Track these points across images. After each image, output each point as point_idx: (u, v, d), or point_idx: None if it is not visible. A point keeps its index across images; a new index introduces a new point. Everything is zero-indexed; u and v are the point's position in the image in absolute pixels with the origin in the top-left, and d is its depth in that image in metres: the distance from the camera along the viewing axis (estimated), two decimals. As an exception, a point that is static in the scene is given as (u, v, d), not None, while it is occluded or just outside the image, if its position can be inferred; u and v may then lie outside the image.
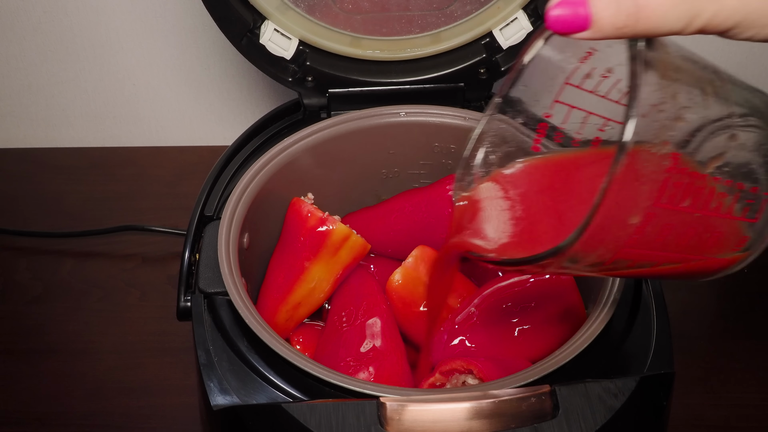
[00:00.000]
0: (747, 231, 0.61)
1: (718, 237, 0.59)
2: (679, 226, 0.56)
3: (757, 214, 0.59)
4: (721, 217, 0.58)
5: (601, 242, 0.54)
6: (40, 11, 1.19)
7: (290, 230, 0.88)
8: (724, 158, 0.57)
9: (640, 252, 0.56)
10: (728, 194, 0.57)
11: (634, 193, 0.53)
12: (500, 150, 0.71)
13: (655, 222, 0.54)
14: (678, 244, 0.57)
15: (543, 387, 0.68)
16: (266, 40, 0.95)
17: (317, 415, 0.66)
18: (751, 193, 0.58)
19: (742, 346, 1.04)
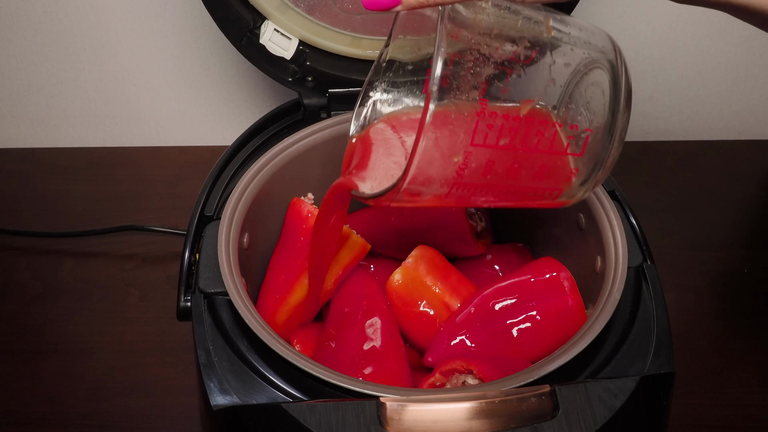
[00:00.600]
0: (575, 164, 0.68)
1: (546, 169, 0.67)
2: (503, 161, 0.65)
3: (581, 149, 0.67)
4: (543, 153, 0.66)
5: (431, 179, 0.65)
6: (41, 11, 1.19)
7: (290, 230, 0.88)
8: (537, 100, 0.66)
9: (474, 184, 0.66)
10: (546, 133, 0.66)
11: (450, 137, 0.63)
12: (392, 95, 0.81)
13: (476, 159, 0.65)
14: (509, 176, 0.66)
15: (543, 387, 0.68)
16: (266, 40, 0.95)
17: (317, 415, 0.66)
18: (570, 130, 0.67)
19: (741, 346, 1.04)
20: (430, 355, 0.84)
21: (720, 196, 1.24)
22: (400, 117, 0.80)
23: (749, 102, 1.31)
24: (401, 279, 0.87)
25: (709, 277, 1.12)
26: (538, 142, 0.66)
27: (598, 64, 0.67)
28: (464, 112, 0.63)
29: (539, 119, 0.66)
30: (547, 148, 0.66)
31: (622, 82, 0.67)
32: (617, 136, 0.67)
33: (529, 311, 0.82)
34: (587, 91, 0.67)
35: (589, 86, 0.67)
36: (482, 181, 0.66)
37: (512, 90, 0.65)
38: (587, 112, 0.67)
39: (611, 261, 0.79)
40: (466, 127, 0.63)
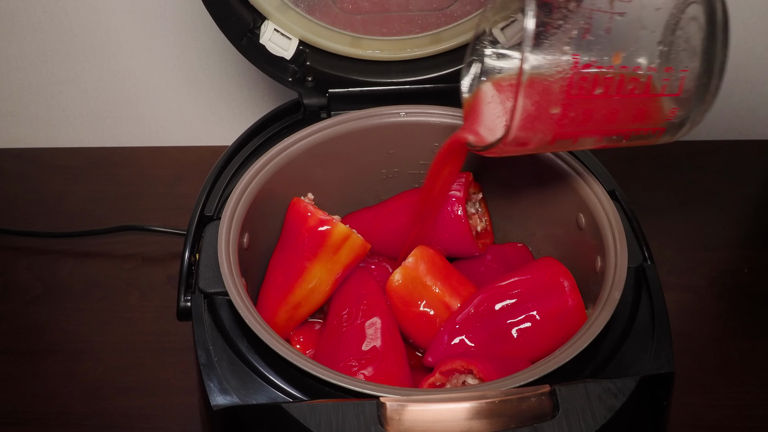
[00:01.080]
0: (675, 103, 0.72)
1: (645, 111, 0.72)
2: (601, 109, 0.70)
3: (678, 89, 0.71)
4: (640, 96, 0.71)
5: (534, 130, 0.70)
6: (40, 11, 1.19)
7: (290, 230, 0.88)
8: (629, 49, 0.69)
9: (575, 132, 0.71)
10: (640, 78, 0.70)
11: (546, 92, 0.68)
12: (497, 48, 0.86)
13: (574, 109, 0.69)
14: (608, 121, 0.71)
15: (543, 387, 0.68)
16: (266, 40, 0.95)
17: (317, 415, 0.66)
18: (665, 73, 0.70)
19: (742, 346, 1.04)
20: (430, 355, 0.84)
21: (720, 196, 1.24)
22: (504, 75, 0.85)
23: (749, 102, 1.31)
24: (401, 279, 0.87)
25: (709, 277, 1.12)
26: (633, 88, 0.70)
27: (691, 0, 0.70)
28: (558, 67, 0.67)
29: (632, 66, 0.70)
30: (642, 92, 0.70)
31: (719, 13, 0.69)
32: (716, 70, 0.70)
33: (529, 311, 0.82)
34: (683, 29, 0.70)
35: (686, 24, 0.70)
36: (583, 128, 0.71)
37: (604, 40, 0.68)
38: (683, 51, 0.70)
39: (611, 261, 0.79)
40: (561, 80, 0.68)
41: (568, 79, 0.68)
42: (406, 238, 0.92)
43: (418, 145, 0.95)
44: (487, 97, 0.82)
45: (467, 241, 0.91)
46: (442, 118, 0.93)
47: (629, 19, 0.69)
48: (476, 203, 0.94)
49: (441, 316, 0.86)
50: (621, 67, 0.69)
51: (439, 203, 0.89)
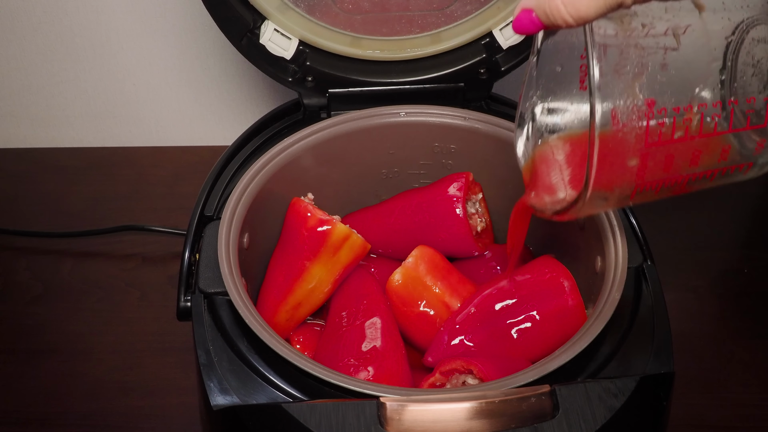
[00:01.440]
0: (758, 135, 0.66)
1: (729, 149, 0.65)
2: (683, 153, 0.64)
3: (764, 119, 0.65)
4: (723, 133, 0.64)
5: (612, 186, 0.64)
6: (40, 11, 1.19)
7: (290, 230, 0.88)
8: (703, 86, 0.64)
9: (658, 182, 0.66)
10: (721, 114, 0.64)
11: (621, 143, 0.62)
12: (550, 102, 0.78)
13: (654, 158, 0.63)
14: (691, 165, 0.65)
15: (543, 387, 0.68)
16: (266, 40, 0.95)
17: (317, 415, 0.66)
18: (747, 104, 0.64)
19: (742, 346, 1.04)
20: (430, 355, 0.84)
21: (720, 196, 1.24)
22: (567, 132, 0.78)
23: (749, 102, 1.31)
24: (401, 279, 0.87)
25: (709, 277, 1.12)
26: (714, 125, 0.64)
27: (756, 20, 0.64)
28: (632, 114, 0.62)
29: (712, 102, 0.64)
30: (726, 128, 0.65)
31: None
32: None
33: (529, 311, 0.82)
34: (754, 53, 0.65)
35: (752, 47, 0.65)
36: (665, 176, 0.65)
37: (676, 78, 0.63)
38: (754, 77, 0.65)
39: (611, 261, 0.79)
40: (637, 128, 0.62)
41: (645, 126, 0.62)
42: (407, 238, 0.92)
43: (418, 145, 0.95)
44: (550, 159, 0.77)
45: (467, 241, 0.91)
46: (442, 118, 0.93)
47: (697, 52, 0.63)
48: (476, 203, 0.94)
49: (441, 316, 0.86)
50: (700, 105, 0.64)
51: (514, 261, 0.86)
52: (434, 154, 0.95)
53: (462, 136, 0.93)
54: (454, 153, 0.95)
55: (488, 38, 0.97)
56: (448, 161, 0.95)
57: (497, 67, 0.98)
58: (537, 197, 0.75)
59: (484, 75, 0.98)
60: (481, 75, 0.98)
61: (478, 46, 0.98)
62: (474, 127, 0.92)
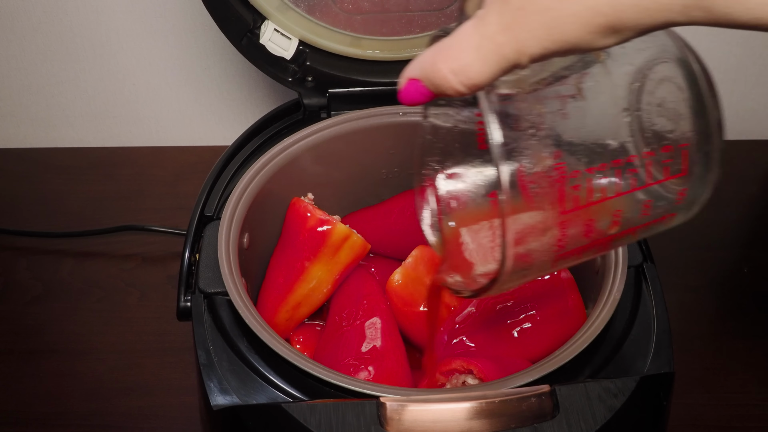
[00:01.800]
0: (682, 184, 0.61)
1: (647, 205, 0.60)
2: (602, 215, 0.58)
3: (683, 166, 0.60)
4: (645, 187, 0.59)
5: (531, 261, 0.57)
6: (40, 11, 1.19)
7: (290, 230, 0.88)
8: (618, 138, 0.58)
9: (579, 248, 0.59)
10: (639, 169, 0.58)
11: (536, 215, 0.55)
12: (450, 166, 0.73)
13: (573, 225, 0.57)
14: (614, 225, 0.59)
15: (543, 387, 0.68)
16: (266, 40, 0.95)
17: (317, 415, 0.66)
18: (663, 153, 0.59)
19: (741, 346, 1.04)
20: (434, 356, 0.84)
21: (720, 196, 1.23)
22: (472, 204, 0.73)
23: (749, 102, 1.31)
24: (401, 279, 0.88)
25: (709, 277, 1.12)
26: (633, 180, 0.59)
27: (656, 59, 0.59)
28: (542, 182, 0.55)
29: (626, 156, 0.58)
30: (645, 182, 0.59)
31: (695, 65, 0.59)
32: (714, 129, 0.59)
33: (528, 311, 0.82)
34: (657, 94, 0.59)
35: (657, 88, 0.59)
36: (587, 241, 0.59)
37: (584, 136, 0.57)
38: (672, 121, 0.59)
39: (611, 261, 0.79)
40: (550, 197, 0.55)
41: (559, 192, 0.55)
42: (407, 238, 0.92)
43: (419, 145, 0.95)
44: (458, 236, 0.71)
45: (467, 241, 0.91)
46: (442, 118, 0.93)
47: (603, 105, 0.58)
48: (476, 203, 0.94)
49: (441, 316, 0.86)
50: (614, 162, 0.57)
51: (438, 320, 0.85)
52: (434, 154, 0.95)
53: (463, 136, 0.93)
54: (454, 153, 0.95)
55: (488, 38, 0.97)
56: (448, 161, 0.95)
57: (497, 67, 0.98)
58: (450, 277, 0.69)
59: (483, 75, 0.98)
60: (481, 75, 0.98)
61: (478, 46, 0.97)
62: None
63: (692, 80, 0.59)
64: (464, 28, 0.51)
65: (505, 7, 0.48)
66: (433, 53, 0.53)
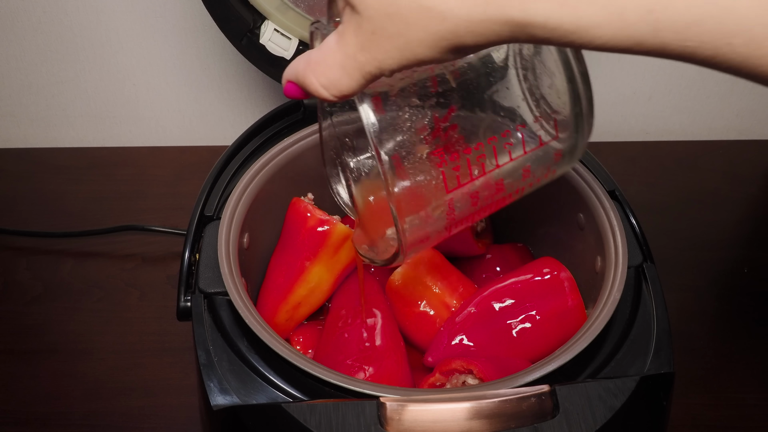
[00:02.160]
0: (558, 145, 0.65)
1: (530, 167, 0.65)
2: (486, 185, 0.64)
3: (554, 131, 0.64)
4: (520, 157, 0.64)
5: (426, 234, 0.65)
6: (40, 11, 1.19)
7: (290, 230, 0.88)
8: (486, 122, 0.63)
9: (469, 215, 0.65)
10: (513, 139, 0.64)
11: (421, 198, 0.62)
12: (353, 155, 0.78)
13: (460, 200, 0.63)
14: (498, 191, 0.65)
15: (543, 387, 0.68)
16: (266, 40, 0.95)
17: (317, 415, 0.66)
18: (535, 124, 0.64)
19: (741, 346, 1.04)
20: (430, 355, 0.84)
21: (720, 196, 1.24)
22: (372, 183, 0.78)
23: (749, 102, 1.31)
24: (401, 279, 0.87)
25: (709, 277, 1.12)
26: (509, 152, 0.64)
27: None
28: (425, 169, 0.62)
29: (500, 132, 0.64)
30: (522, 152, 0.65)
31: None
32: (582, 96, 0.62)
33: (529, 311, 0.82)
34: (537, 71, 0.64)
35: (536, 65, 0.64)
36: (475, 209, 0.66)
37: (460, 120, 0.63)
38: (546, 92, 0.64)
39: (611, 261, 0.79)
40: (435, 180, 0.62)
41: (440, 173, 0.62)
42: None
43: (418, 145, 0.95)
44: (369, 204, 0.77)
45: (467, 241, 0.91)
46: (442, 118, 0.93)
47: (474, 86, 0.63)
48: (476, 203, 0.94)
49: (441, 315, 0.86)
50: (489, 139, 0.63)
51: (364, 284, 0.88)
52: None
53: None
54: (454, 153, 0.94)
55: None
56: (448, 161, 0.95)
57: (497, 67, 0.98)
58: (362, 248, 0.75)
59: (484, 75, 0.98)
60: (481, 75, 0.98)
61: (478, 46, 0.97)
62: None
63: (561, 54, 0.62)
64: (329, 44, 0.55)
65: (359, 30, 0.52)
66: (304, 65, 0.57)
